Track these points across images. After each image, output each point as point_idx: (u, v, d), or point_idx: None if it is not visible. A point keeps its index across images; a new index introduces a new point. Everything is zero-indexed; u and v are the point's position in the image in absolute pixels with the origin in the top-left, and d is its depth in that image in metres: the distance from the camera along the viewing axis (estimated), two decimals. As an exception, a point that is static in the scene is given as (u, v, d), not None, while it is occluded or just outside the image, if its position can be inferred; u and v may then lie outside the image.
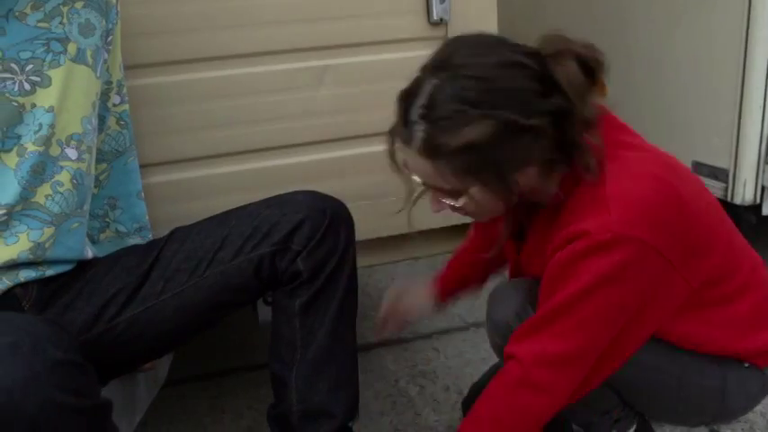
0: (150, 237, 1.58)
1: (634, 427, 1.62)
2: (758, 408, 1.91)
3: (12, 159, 1.28)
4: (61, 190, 1.33)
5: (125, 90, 1.52)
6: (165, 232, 1.46)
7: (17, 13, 1.28)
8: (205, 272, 1.37)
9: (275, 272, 1.38)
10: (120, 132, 1.52)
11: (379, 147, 1.82)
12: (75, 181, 1.35)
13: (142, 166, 1.60)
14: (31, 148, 1.29)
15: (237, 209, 1.44)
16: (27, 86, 1.29)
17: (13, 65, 1.28)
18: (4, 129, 1.27)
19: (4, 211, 1.28)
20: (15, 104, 1.28)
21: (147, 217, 1.59)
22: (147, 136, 1.65)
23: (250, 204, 1.44)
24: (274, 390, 1.46)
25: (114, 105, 1.50)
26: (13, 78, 1.28)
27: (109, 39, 1.42)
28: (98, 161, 1.48)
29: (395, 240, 1.91)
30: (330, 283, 1.39)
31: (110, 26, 1.42)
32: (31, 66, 1.29)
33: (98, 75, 1.39)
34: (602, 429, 1.58)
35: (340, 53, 1.77)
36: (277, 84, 1.74)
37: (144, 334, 1.37)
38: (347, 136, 1.81)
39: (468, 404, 1.81)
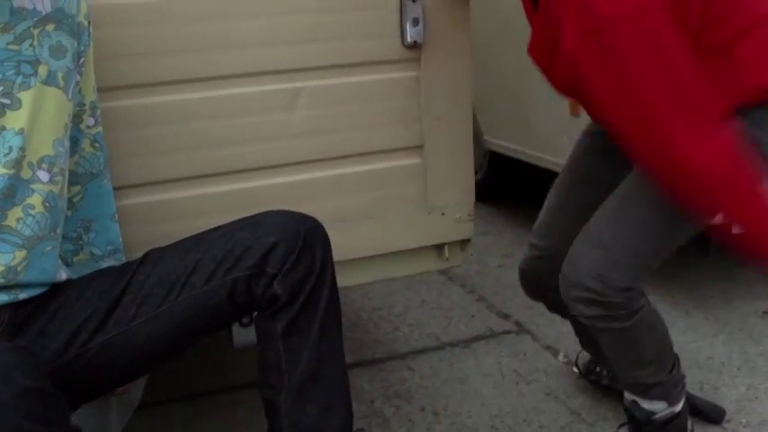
0: (124, 259, 1.54)
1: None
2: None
3: None
4: (33, 213, 1.29)
5: (99, 112, 1.48)
6: (140, 254, 1.41)
7: (-13, 36, 1.24)
8: (178, 296, 1.33)
9: (251, 296, 1.34)
10: (95, 154, 1.48)
11: (354, 168, 1.82)
12: (47, 204, 1.31)
13: (116, 188, 1.56)
14: (0, 170, 1.25)
15: (210, 231, 1.40)
16: (-4, 108, 1.25)
17: (-18, 87, 1.23)
18: (-26, 151, 1.23)
19: None
20: (-16, 127, 1.24)
21: (120, 239, 1.55)
22: (121, 157, 1.61)
23: (223, 226, 1.40)
24: (266, 415, 1.41)
25: (88, 127, 1.46)
26: (-19, 100, 1.23)
27: (81, 61, 1.39)
28: (72, 183, 1.44)
29: (370, 261, 1.88)
30: (309, 303, 1.34)
31: (81, 48, 1.38)
32: (0, 88, 1.25)
33: (70, 97, 1.35)
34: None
35: (314, 75, 1.74)
36: (251, 105, 1.70)
37: (116, 359, 1.33)
38: (322, 157, 1.78)
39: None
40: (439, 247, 1.95)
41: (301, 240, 1.33)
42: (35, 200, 1.29)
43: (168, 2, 1.61)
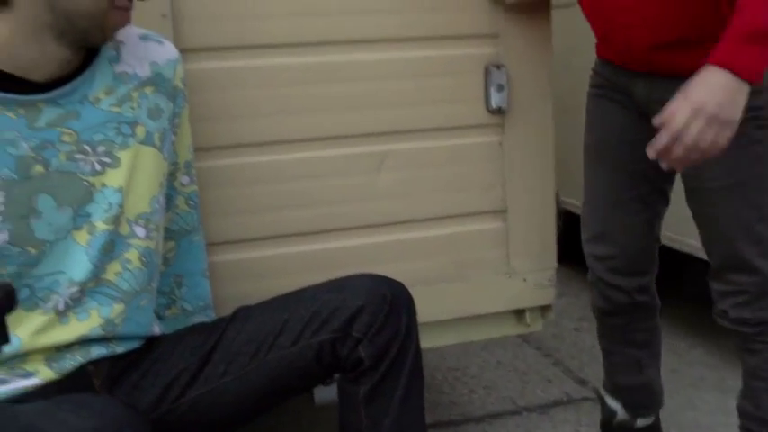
0: (213, 315, 1.52)
1: None
2: None
3: (83, 237, 1.25)
4: (130, 267, 1.29)
5: (194, 171, 1.48)
6: (229, 310, 1.40)
7: (91, 99, 1.26)
8: (266, 356, 1.31)
9: (337, 358, 1.30)
10: (189, 212, 1.48)
11: (438, 230, 1.78)
12: (143, 259, 1.31)
13: (207, 244, 1.55)
14: (101, 226, 1.26)
15: (298, 291, 1.38)
16: (98, 167, 1.26)
17: (86, 146, 1.25)
18: (76, 207, 1.24)
19: (77, 288, 1.24)
20: (86, 184, 1.25)
21: (210, 295, 1.53)
22: (213, 215, 1.61)
23: (310, 288, 1.37)
24: None
25: (183, 185, 1.46)
26: (85, 159, 1.25)
27: (176, 121, 1.40)
28: (166, 239, 1.44)
29: (451, 323, 1.83)
30: (393, 369, 1.30)
31: (177, 110, 1.39)
32: (102, 147, 1.26)
33: (165, 156, 1.35)
34: None
35: (400, 139, 1.73)
36: (339, 167, 1.70)
37: (206, 415, 1.31)
38: (406, 220, 1.76)
39: None
40: (519, 312, 1.89)
41: (387, 305, 1.29)
42: (132, 255, 1.30)
43: (260, 68, 1.62)
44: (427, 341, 1.76)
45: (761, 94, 1.46)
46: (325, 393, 1.55)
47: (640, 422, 1.92)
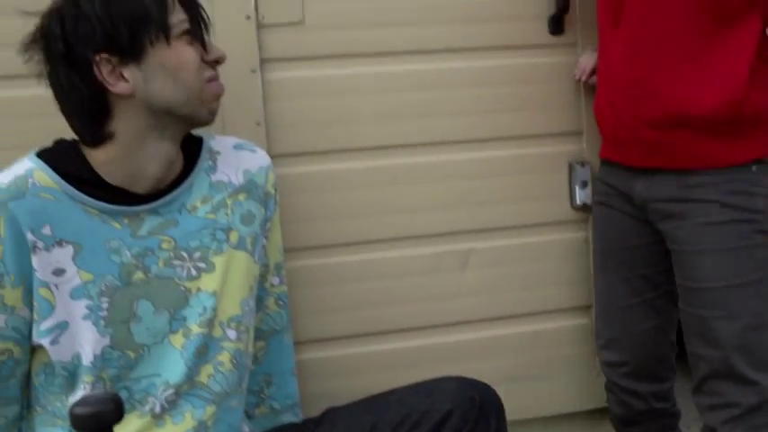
0: (301, 414, 1.53)
1: None
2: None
3: (178, 340, 1.28)
4: (222, 369, 1.31)
5: (283, 272, 1.51)
6: (316, 408, 1.41)
7: (189, 207, 1.31)
8: None
9: None
10: (279, 312, 1.50)
11: (523, 327, 1.76)
12: (234, 360, 1.33)
13: (297, 343, 1.57)
14: (195, 329, 1.29)
15: (386, 393, 1.37)
16: (194, 272, 1.30)
17: (183, 252, 1.29)
18: (172, 311, 1.28)
19: (172, 391, 1.27)
20: (183, 289, 1.29)
21: (298, 394, 1.54)
22: (302, 314, 1.64)
23: (398, 389, 1.37)
24: None
25: (272, 286, 1.49)
26: (182, 265, 1.29)
27: (267, 226, 1.43)
28: (256, 338, 1.46)
29: (537, 422, 1.79)
30: None
31: (268, 215, 1.43)
32: (198, 253, 1.30)
33: (256, 259, 1.39)
34: None
35: (485, 236, 1.74)
36: (424, 266, 1.71)
37: None
38: (492, 317, 1.75)
39: None
40: (606, 410, 1.83)
41: (476, 409, 1.28)
42: (224, 357, 1.32)
43: (349, 170, 1.67)
44: (515, 439, 1.73)
45: (757, 197, 1.44)
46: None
47: None
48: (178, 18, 1.24)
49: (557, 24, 1.72)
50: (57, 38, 1.21)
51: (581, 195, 1.76)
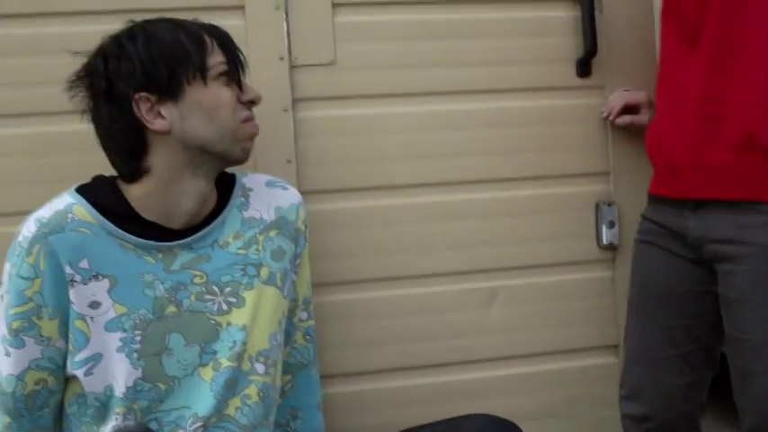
0: (325, 448, 1.54)
1: None
2: None
3: (208, 373, 1.31)
4: (249, 402, 1.34)
5: (311, 307, 1.53)
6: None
7: (221, 243, 1.34)
8: None
9: None
10: (306, 346, 1.52)
11: (550, 365, 1.76)
12: (261, 394, 1.35)
13: (324, 377, 1.59)
14: (225, 363, 1.31)
15: (414, 429, 1.38)
16: (225, 307, 1.32)
17: (214, 287, 1.32)
18: (203, 345, 1.31)
19: (200, 424, 1.29)
20: (213, 323, 1.32)
21: (323, 428, 1.56)
22: (330, 348, 1.66)
23: (426, 426, 1.38)
24: None
25: (301, 320, 1.51)
26: (213, 299, 1.32)
27: (297, 262, 1.45)
28: (283, 372, 1.48)
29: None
30: None
31: (298, 250, 1.45)
32: (229, 288, 1.33)
33: (285, 294, 1.41)
34: None
35: (511, 275, 1.74)
36: (451, 303, 1.72)
37: None
38: (518, 354, 1.75)
39: None
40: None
41: (499, 449, 1.29)
42: (251, 390, 1.34)
43: (379, 207, 1.69)
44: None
45: None
46: None
47: None
48: (216, 60, 1.28)
49: (584, 67, 1.75)
50: (100, 75, 1.26)
51: (608, 235, 1.76)
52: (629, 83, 1.75)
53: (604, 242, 1.76)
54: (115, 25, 1.31)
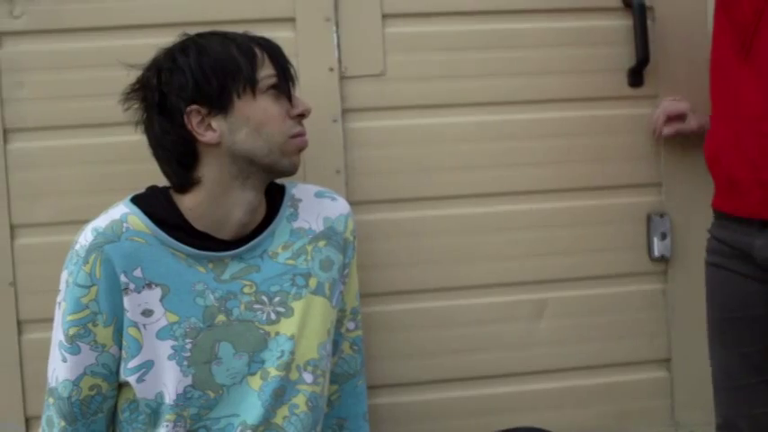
0: (372, 458, 1.55)
1: None
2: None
3: (256, 382, 1.33)
4: (297, 412, 1.35)
5: (359, 317, 1.55)
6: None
7: (271, 253, 1.36)
8: None
9: None
10: (353, 356, 1.54)
11: (598, 379, 1.74)
12: (310, 403, 1.37)
13: (371, 387, 1.61)
14: (273, 372, 1.33)
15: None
16: (273, 316, 1.34)
17: (263, 297, 1.34)
18: (251, 354, 1.33)
19: None
20: (262, 332, 1.34)
21: (370, 438, 1.57)
22: (378, 359, 1.67)
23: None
24: None
25: (348, 331, 1.52)
26: (262, 309, 1.34)
27: (345, 272, 1.47)
28: (330, 382, 1.50)
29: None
30: None
31: (346, 261, 1.47)
32: (278, 298, 1.35)
33: (333, 304, 1.42)
34: None
35: (561, 287, 1.74)
36: (500, 314, 1.72)
37: None
38: (567, 367, 1.74)
39: None
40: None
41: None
42: (299, 399, 1.36)
43: (426, 218, 1.69)
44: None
45: None
46: None
47: None
48: (266, 72, 1.30)
49: (636, 76, 1.73)
50: (153, 88, 1.30)
51: (659, 247, 1.74)
52: (682, 92, 1.73)
53: (656, 254, 1.74)
54: (169, 38, 1.35)
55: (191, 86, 1.27)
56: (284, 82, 1.32)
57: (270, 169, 1.33)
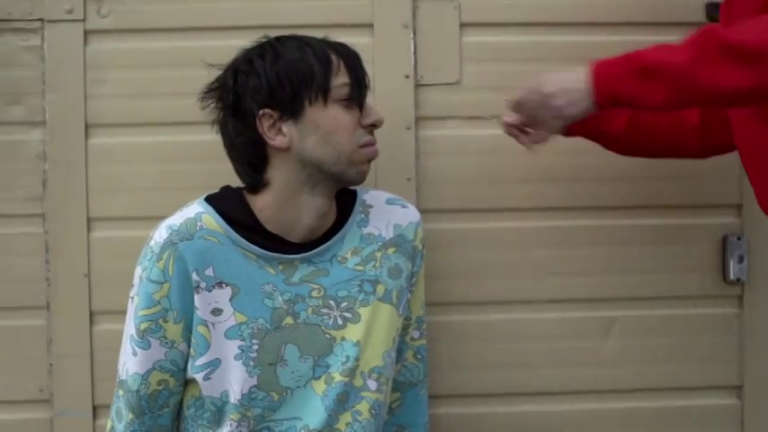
0: (430, 468, 1.54)
1: None
2: None
3: (320, 387, 1.34)
4: (360, 419, 1.36)
5: (424, 326, 1.54)
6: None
7: (340, 258, 1.37)
8: None
9: None
10: (416, 365, 1.53)
11: (666, 402, 1.70)
12: (373, 411, 1.37)
13: (434, 397, 1.61)
14: (337, 377, 1.34)
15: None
16: (340, 321, 1.35)
17: (331, 301, 1.35)
18: (317, 358, 1.34)
19: None
20: (328, 337, 1.34)
21: (429, 448, 1.56)
22: (441, 369, 1.66)
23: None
24: None
25: (413, 339, 1.52)
26: (329, 313, 1.34)
27: (413, 280, 1.47)
28: (392, 390, 1.50)
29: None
30: None
31: (415, 269, 1.47)
32: (345, 303, 1.36)
33: (400, 312, 1.43)
34: None
35: (631, 305, 1.71)
36: (566, 331, 1.70)
37: None
38: (633, 388, 1.71)
39: None
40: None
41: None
42: (363, 406, 1.36)
43: (492, 230, 1.68)
44: None
45: None
46: None
47: None
48: (340, 81, 1.31)
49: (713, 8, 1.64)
50: (229, 89, 1.32)
51: (735, 270, 1.69)
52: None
53: (731, 277, 1.70)
54: (248, 40, 1.37)
55: (264, 90, 1.29)
56: (357, 91, 1.33)
57: (337, 177, 1.33)
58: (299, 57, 1.30)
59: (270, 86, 1.29)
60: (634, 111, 1.49)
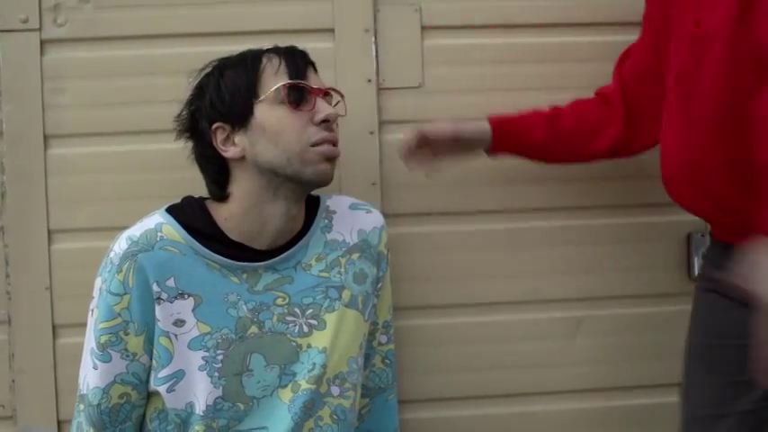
0: (402, 474, 1.53)
1: None
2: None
3: (286, 395, 1.32)
4: (321, 424, 1.35)
5: (392, 331, 1.54)
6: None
7: (304, 265, 1.36)
8: None
9: None
10: (384, 370, 1.53)
11: (637, 400, 1.70)
12: (334, 416, 1.36)
13: (402, 402, 1.59)
14: (304, 385, 1.33)
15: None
16: (306, 329, 1.34)
17: (296, 309, 1.34)
18: (283, 366, 1.33)
19: None
20: (294, 344, 1.33)
21: (399, 454, 1.55)
22: (408, 373, 1.65)
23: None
24: None
25: (380, 344, 1.52)
26: (295, 321, 1.33)
27: (378, 285, 1.46)
28: (361, 396, 1.49)
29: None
30: None
31: (380, 274, 1.46)
32: (310, 310, 1.35)
33: (366, 318, 1.42)
34: None
35: (598, 305, 1.71)
36: (534, 331, 1.69)
37: None
38: (602, 387, 1.71)
39: None
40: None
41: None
42: (324, 412, 1.35)
43: (458, 233, 1.68)
44: None
45: None
46: None
47: None
48: (279, 82, 1.30)
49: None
50: (187, 115, 1.36)
51: (700, 267, 1.70)
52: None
53: (696, 274, 1.70)
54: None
55: (208, 107, 1.32)
56: (298, 90, 1.32)
57: (296, 179, 1.31)
58: (235, 68, 1.33)
59: (212, 102, 1.32)
60: (553, 117, 1.54)
